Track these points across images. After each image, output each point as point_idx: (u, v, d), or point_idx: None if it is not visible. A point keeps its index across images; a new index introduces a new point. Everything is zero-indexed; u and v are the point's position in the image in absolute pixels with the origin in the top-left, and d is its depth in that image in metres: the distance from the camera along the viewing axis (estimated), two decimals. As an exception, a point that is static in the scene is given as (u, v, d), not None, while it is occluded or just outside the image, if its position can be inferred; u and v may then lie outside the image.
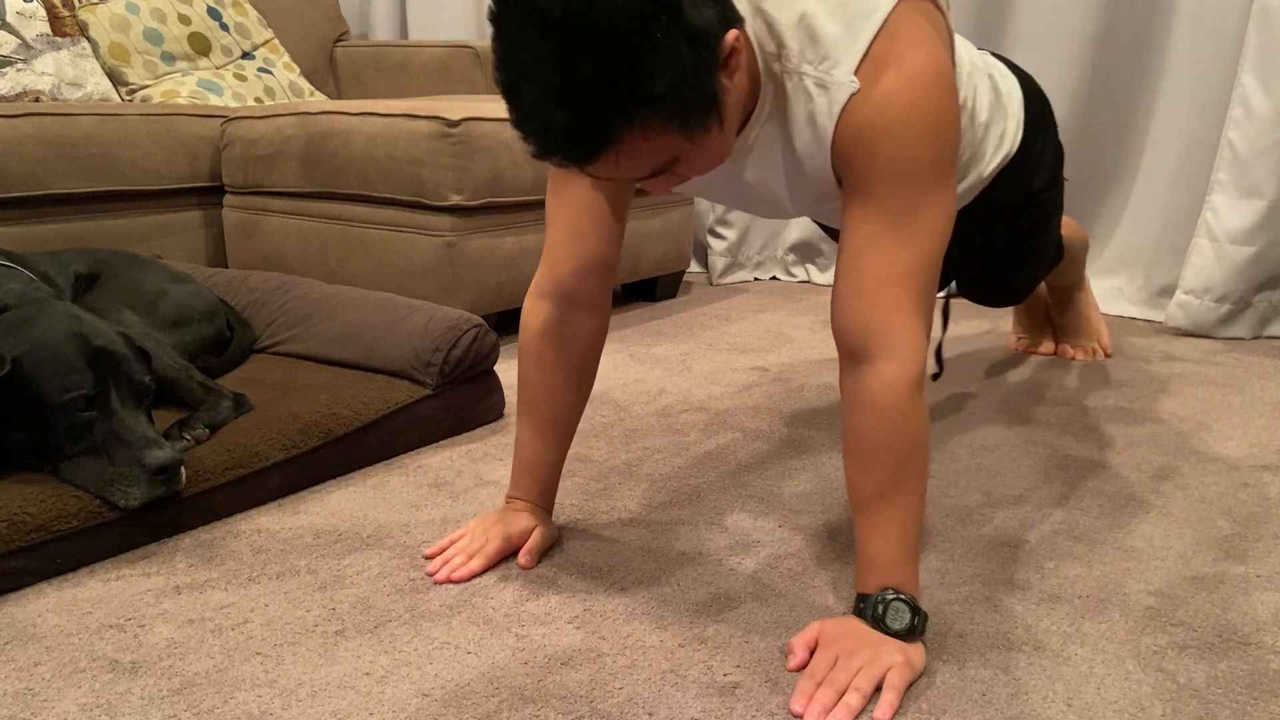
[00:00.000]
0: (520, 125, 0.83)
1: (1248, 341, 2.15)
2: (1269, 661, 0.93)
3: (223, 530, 1.19)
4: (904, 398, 0.92)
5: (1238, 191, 2.07)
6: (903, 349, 0.91)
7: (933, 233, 0.92)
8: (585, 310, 1.11)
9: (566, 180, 1.08)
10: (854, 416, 0.95)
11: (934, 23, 0.93)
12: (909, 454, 0.93)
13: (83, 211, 1.99)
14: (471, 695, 0.87)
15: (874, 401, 0.92)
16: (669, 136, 0.82)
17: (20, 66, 2.22)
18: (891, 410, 0.92)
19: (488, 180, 1.91)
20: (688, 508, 1.26)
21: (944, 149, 0.91)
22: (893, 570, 0.93)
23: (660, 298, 2.54)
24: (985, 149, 1.26)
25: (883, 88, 0.89)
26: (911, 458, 0.93)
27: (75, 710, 0.84)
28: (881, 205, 0.92)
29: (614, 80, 0.77)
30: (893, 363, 0.92)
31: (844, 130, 0.91)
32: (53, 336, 1.15)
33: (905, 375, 0.92)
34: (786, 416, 1.62)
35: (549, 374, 1.12)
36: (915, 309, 0.92)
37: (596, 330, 1.13)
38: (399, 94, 2.87)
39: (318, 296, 1.69)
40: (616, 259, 1.12)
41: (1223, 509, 1.28)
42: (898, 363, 0.91)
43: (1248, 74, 2.02)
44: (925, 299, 0.93)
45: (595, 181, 1.07)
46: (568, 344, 1.11)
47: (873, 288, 0.92)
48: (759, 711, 0.85)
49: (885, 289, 0.92)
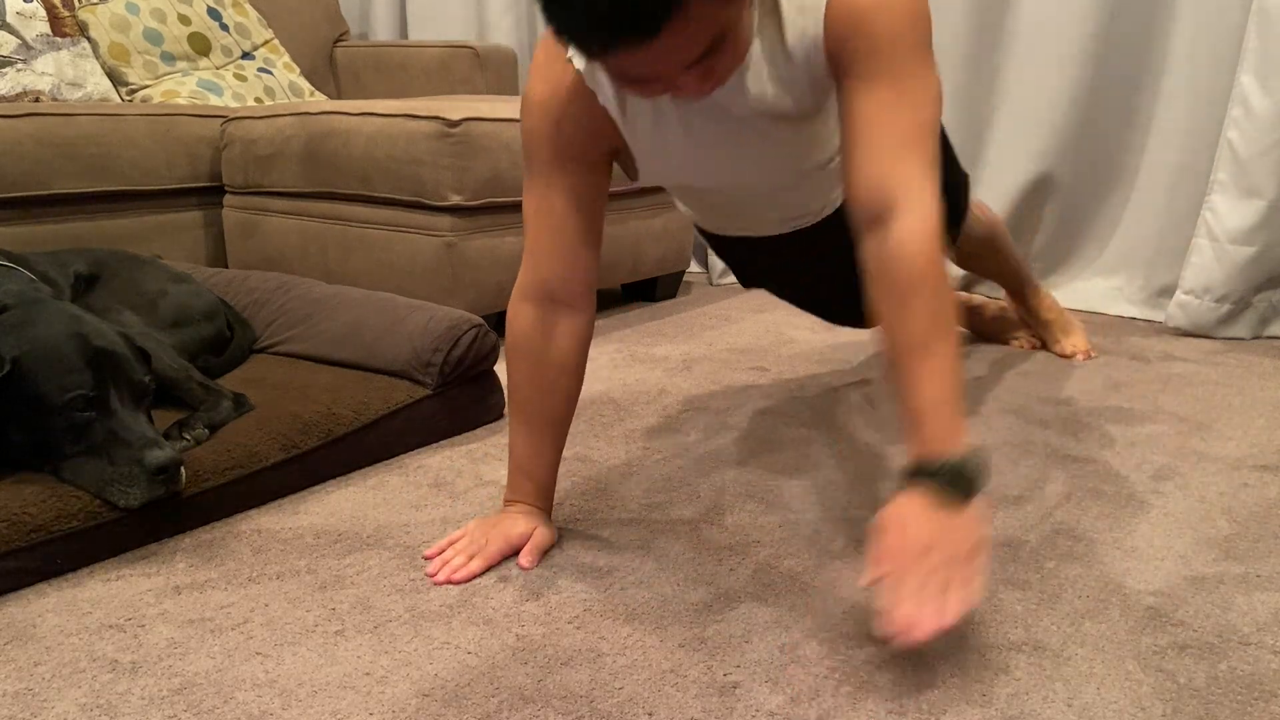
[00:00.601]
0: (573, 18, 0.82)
1: (1248, 341, 2.15)
2: (1269, 661, 0.93)
3: (223, 530, 1.19)
4: (931, 246, 0.95)
5: (1238, 191, 2.07)
6: (925, 201, 0.95)
7: (932, 100, 0.98)
8: (570, 310, 1.12)
9: (547, 182, 1.10)
10: (885, 273, 0.96)
11: None
12: (943, 301, 0.95)
13: (83, 211, 1.99)
14: (471, 695, 0.87)
15: (903, 251, 0.94)
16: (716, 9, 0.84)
17: (20, 66, 2.22)
18: (921, 257, 0.94)
19: (488, 180, 1.91)
20: (688, 508, 1.26)
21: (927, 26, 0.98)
22: (950, 425, 0.93)
23: (660, 298, 2.54)
24: None
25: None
26: (945, 305, 0.96)
27: (75, 710, 0.84)
28: (885, 75, 0.96)
29: None
30: (916, 214, 0.95)
31: (834, 25, 0.97)
32: (52, 337, 1.15)
33: (929, 226, 0.95)
34: (786, 416, 1.62)
35: (539, 374, 1.14)
36: (927, 168, 0.97)
37: (583, 328, 1.14)
38: (399, 94, 2.87)
39: (318, 296, 1.69)
40: (597, 257, 1.13)
41: (1223, 509, 1.28)
42: (920, 215, 0.95)
43: (1247, 74, 2.02)
44: (934, 159, 0.97)
45: (573, 184, 1.09)
46: (555, 344, 1.13)
47: (889, 149, 0.96)
48: (759, 711, 0.85)
49: (901, 150, 0.96)
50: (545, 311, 1.12)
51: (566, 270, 1.11)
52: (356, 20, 3.31)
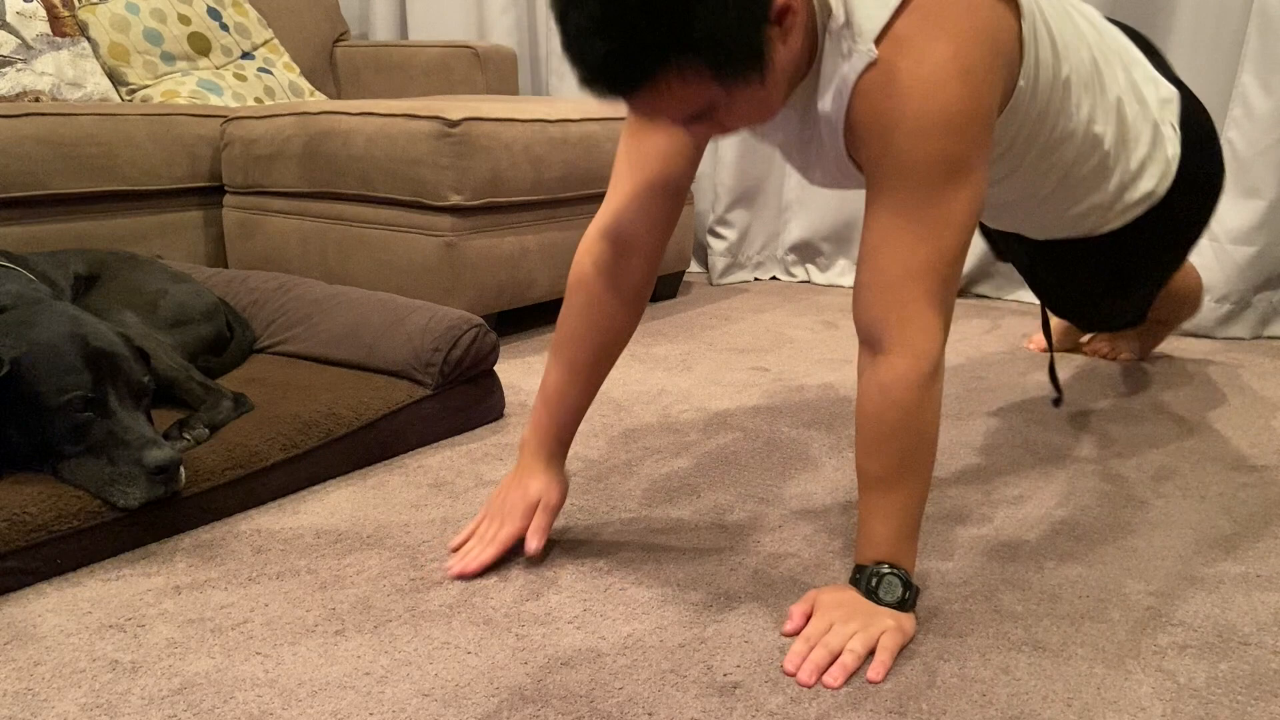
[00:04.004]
0: (566, 50, 0.85)
1: (1248, 341, 2.15)
2: (1269, 661, 0.93)
3: (223, 530, 1.19)
4: (914, 392, 0.93)
5: (1238, 191, 2.07)
6: (918, 344, 0.93)
7: (951, 227, 0.92)
8: (638, 254, 1.11)
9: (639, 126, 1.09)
10: (865, 404, 0.97)
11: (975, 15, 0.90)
12: (915, 446, 0.95)
13: (83, 211, 1.99)
14: (471, 695, 0.87)
15: (885, 394, 0.94)
16: (705, 83, 0.83)
17: (20, 66, 2.22)
18: (901, 404, 0.94)
19: (488, 180, 1.91)
20: (688, 508, 1.26)
21: (963, 144, 0.90)
22: (888, 547, 0.97)
23: (660, 298, 2.54)
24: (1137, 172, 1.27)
25: (900, 76, 0.89)
26: (918, 450, 0.95)
27: (75, 710, 0.84)
28: (896, 198, 0.92)
29: (654, 18, 0.79)
30: (906, 357, 0.93)
31: (859, 107, 0.92)
32: (51, 337, 1.15)
33: (917, 370, 0.93)
34: (786, 416, 1.62)
35: (596, 306, 1.12)
36: (932, 304, 0.93)
37: (647, 273, 1.12)
38: (399, 94, 2.87)
39: (318, 296, 1.69)
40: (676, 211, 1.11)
41: (1223, 509, 1.28)
42: (911, 357, 0.93)
43: (1247, 74, 2.03)
44: (943, 294, 0.94)
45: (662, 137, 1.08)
46: (618, 280, 1.11)
47: (889, 282, 0.93)
48: (759, 711, 0.85)
49: (902, 284, 0.92)
50: (615, 249, 1.10)
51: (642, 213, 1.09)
52: (356, 20, 3.31)
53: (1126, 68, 1.23)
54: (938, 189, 0.90)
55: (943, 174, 0.90)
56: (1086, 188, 1.24)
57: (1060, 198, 1.25)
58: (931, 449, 0.96)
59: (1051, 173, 1.18)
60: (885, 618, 0.94)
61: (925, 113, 0.88)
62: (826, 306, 2.48)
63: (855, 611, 0.95)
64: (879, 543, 0.97)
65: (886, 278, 0.93)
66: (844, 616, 0.94)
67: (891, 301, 0.93)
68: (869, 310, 0.95)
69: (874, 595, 0.96)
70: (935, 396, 0.95)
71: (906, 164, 0.90)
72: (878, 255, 0.93)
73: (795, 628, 0.96)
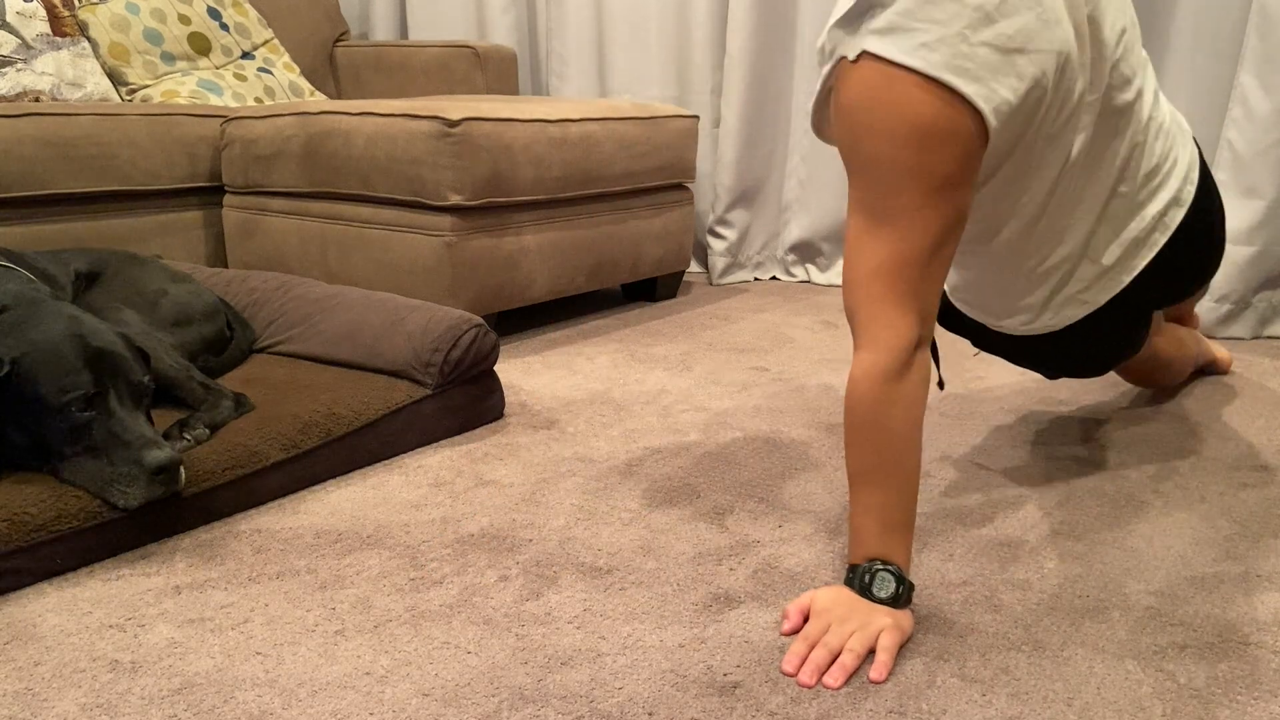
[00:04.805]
0: None
1: (1248, 341, 2.15)
2: (1269, 661, 0.93)
3: (223, 530, 1.19)
4: (879, 388, 0.95)
5: (1238, 191, 2.07)
6: (883, 339, 0.95)
7: (918, 232, 0.94)
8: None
9: None
10: (845, 400, 0.99)
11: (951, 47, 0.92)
12: (886, 443, 0.96)
13: (83, 211, 1.99)
14: (471, 695, 0.87)
15: (854, 389, 0.97)
16: None
17: (20, 66, 2.22)
18: (867, 399, 0.96)
19: (487, 180, 1.91)
20: (688, 508, 1.26)
21: (931, 159, 0.92)
22: (876, 543, 0.98)
23: (660, 298, 2.54)
24: None
25: (867, 78, 0.92)
26: (891, 446, 0.96)
27: (75, 710, 0.84)
28: (863, 200, 0.95)
29: None
30: (872, 353, 0.95)
31: (836, 100, 0.96)
32: (51, 337, 1.15)
33: (880, 365, 0.95)
34: (786, 416, 1.62)
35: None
36: (899, 301, 0.95)
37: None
38: (399, 94, 2.87)
39: (318, 296, 1.69)
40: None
41: (1223, 509, 1.28)
42: (874, 353, 0.95)
43: (1247, 74, 2.02)
44: (912, 291, 0.95)
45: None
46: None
47: (858, 278, 0.96)
48: (759, 711, 0.85)
49: (869, 281, 0.95)
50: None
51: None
52: (356, 20, 3.31)
53: None
54: (904, 196, 0.93)
55: (910, 184, 0.93)
56: None
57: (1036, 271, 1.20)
58: (907, 444, 0.97)
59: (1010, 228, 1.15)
60: (882, 616, 0.94)
61: (891, 120, 0.92)
62: (826, 306, 2.48)
63: (852, 611, 0.95)
64: (867, 539, 0.98)
65: (856, 274, 0.97)
66: (841, 616, 0.95)
67: (861, 298, 0.96)
68: (846, 304, 0.99)
69: (868, 592, 0.96)
70: (906, 393, 0.95)
71: (874, 169, 0.94)
72: (850, 252, 0.97)
73: (793, 627, 0.97)
